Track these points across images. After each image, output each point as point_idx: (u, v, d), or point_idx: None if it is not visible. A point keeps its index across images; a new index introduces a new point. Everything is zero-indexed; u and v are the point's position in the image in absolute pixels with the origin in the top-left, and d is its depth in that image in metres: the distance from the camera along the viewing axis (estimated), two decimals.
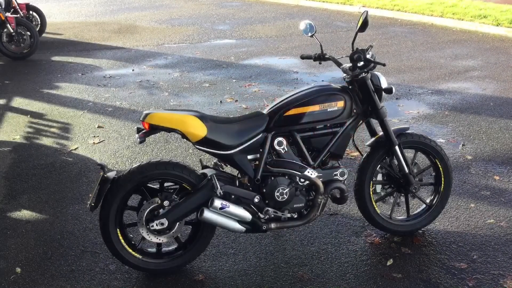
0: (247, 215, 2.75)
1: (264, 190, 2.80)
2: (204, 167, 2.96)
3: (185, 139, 2.70)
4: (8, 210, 3.54)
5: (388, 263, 2.96)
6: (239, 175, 2.84)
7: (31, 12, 8.99)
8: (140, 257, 2.80)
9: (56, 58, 7.85)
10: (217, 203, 2.67)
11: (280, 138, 2.82)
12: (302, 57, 3.26)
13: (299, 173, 2.80)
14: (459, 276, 2.82)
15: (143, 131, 2.70)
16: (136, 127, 2.78)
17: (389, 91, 2.92)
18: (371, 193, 3.12)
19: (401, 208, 3.34)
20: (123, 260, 2.77)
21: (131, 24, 10.58)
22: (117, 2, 13.59)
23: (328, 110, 2.84)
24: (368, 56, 2.91)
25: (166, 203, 2.72)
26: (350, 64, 2.96)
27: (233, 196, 2.74)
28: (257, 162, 2.82)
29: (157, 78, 6.75)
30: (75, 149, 4.56)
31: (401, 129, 3.15)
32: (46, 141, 4.76)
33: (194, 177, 2.76)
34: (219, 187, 2.69)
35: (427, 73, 6.75)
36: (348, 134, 2.93)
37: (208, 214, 2.67)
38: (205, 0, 13.82)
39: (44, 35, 9.28)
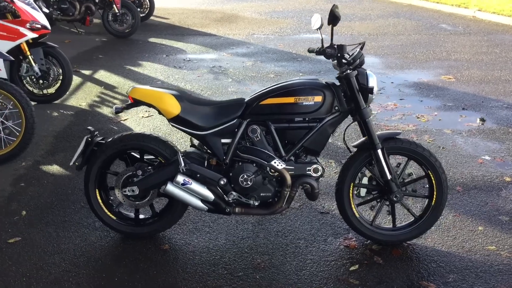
0: (209, 195, 2.86)
1: (231, 174, 2.88)
2: (192, 145, 3.12)
3: (161, 115, 2.89)
4: (43, 163, 4.05)
5: (352, 268, 2.86)
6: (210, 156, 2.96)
7: None
8: (115, 218, 3.06)
9: (152, 40, 8.52)
10: (180, 178, 2.82)
11: (254, 126, 2.87)
12: (309, 51, 3.25)
13: (265, 162, 2.83)
14: None
15: (127, 103, 2.94)
16: None
17: (370, 90, 2.82)
18: (350, 195, 3.03)
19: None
20: (99, 218, 3.06)
21: (234, 14, 11.01)
22: None
23: (304, 103, 2.81)
24: (351, 53, 2.83)
25: (139, 172, 2.94)
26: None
27: (198, 175, 2.87)
28: None
29: (230, 65, 7.02)
30: (125, 120, 5.00)
31: (390, 133, 3.00)
32: (105, 110, 5.28)
33: (170, 152, 2.94)
34: (182, 163, 2.83)
35: None
36: (326, 130, 2.86)
37: (170, 188, 2.83)
38: None
39: (152, 17, 10.09)
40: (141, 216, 3.13)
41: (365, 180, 3.05)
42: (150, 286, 2.70)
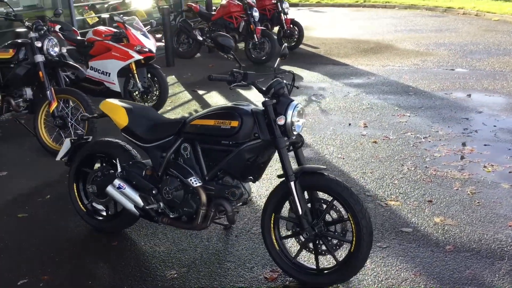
0: (138, 201, 3.16)
1: (159, 186, 3.12)
2: None
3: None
4: None
5: None
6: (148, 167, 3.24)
7: (293, 26, 10.39)
8: (85, 210, 3.58)
9: (283, 67, 8.95)
10: (116, 182, 3.20)
11: (185, 144, 3.07)
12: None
13: (184, 178, 2.99)
14: None
15: (99, 114, 3.47)
16: None
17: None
18: (271, 225, 2.97)
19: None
20: (74, 208, 3.61)
21: (390, 44, 10.71)
22: (409, 23, 13.68)
23: (221, 127, 2.89)
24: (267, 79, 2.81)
25: (98, 173, 3.41)
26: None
27: (134, 182, 3.20)
28: None
29: (331, 94, 7.00)
30: None
31: (311, 167, 2.85)
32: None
33: (125, 159, 3.33)
34: (119, 169, 3.20)
35: None
36: (242, 155, 2.87)
37: (109, 189, 3.23)
38: (507, 28, 12.39)
39: (301, 46, 10.56)
40: (104, 213, 3.58)
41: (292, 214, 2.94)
42: (72, 267, 3.13)
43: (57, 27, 6.45)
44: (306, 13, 16.79)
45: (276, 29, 10.77)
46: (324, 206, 2.87)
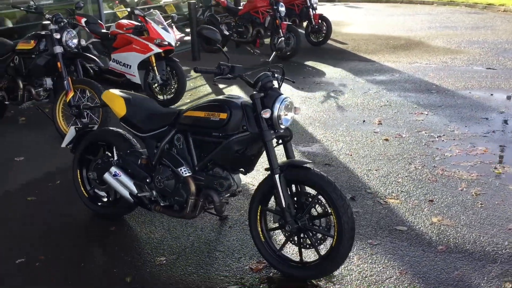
0: (132, 188, 3.26)
1: (153, 175, 3.20)
2: None
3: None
4: None
5: (230, 287, 2.85)
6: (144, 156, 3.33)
7: (321, 21, 10.31)
8: (87, 196, 3.70)
9: (307, 62, 8.94)
10: (112, 169, 3.31)
11: (179, 135, 3.14)
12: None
13: (174, 168, 3.06)
14: None
15: (101, 103, 3.58)
16: None
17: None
18: (258, 217, 3.00)
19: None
20: (77, 193, 3.74)
21: (421, 41, 10.47)
22: (445, 20, 13.32)
23: (211, 119, 2.94)
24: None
25: (99, 161, 3.52)
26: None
27: (129, 170, 3.29)
28: None
29: (352, 91, 6.93)
30: None
31: (297, 161, 2.86)
32: None
33: (125, 147, 3.43)
34: (115, 157, 3.30)
35: None
36: (230, 147, 2.90)
37: (106, 176, 3.34)
38: None
39: (329, 42, 10.48)
40: (105, 199, 3.69)
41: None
42: (69, 249, 3.27)
43: (83, 20, 6.68)
44: (341, 8, 16.61)
45: (304, 24, 10.73)
46: (310, 200, 2.88)
